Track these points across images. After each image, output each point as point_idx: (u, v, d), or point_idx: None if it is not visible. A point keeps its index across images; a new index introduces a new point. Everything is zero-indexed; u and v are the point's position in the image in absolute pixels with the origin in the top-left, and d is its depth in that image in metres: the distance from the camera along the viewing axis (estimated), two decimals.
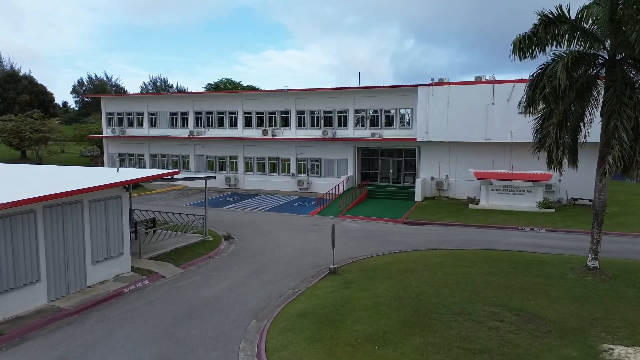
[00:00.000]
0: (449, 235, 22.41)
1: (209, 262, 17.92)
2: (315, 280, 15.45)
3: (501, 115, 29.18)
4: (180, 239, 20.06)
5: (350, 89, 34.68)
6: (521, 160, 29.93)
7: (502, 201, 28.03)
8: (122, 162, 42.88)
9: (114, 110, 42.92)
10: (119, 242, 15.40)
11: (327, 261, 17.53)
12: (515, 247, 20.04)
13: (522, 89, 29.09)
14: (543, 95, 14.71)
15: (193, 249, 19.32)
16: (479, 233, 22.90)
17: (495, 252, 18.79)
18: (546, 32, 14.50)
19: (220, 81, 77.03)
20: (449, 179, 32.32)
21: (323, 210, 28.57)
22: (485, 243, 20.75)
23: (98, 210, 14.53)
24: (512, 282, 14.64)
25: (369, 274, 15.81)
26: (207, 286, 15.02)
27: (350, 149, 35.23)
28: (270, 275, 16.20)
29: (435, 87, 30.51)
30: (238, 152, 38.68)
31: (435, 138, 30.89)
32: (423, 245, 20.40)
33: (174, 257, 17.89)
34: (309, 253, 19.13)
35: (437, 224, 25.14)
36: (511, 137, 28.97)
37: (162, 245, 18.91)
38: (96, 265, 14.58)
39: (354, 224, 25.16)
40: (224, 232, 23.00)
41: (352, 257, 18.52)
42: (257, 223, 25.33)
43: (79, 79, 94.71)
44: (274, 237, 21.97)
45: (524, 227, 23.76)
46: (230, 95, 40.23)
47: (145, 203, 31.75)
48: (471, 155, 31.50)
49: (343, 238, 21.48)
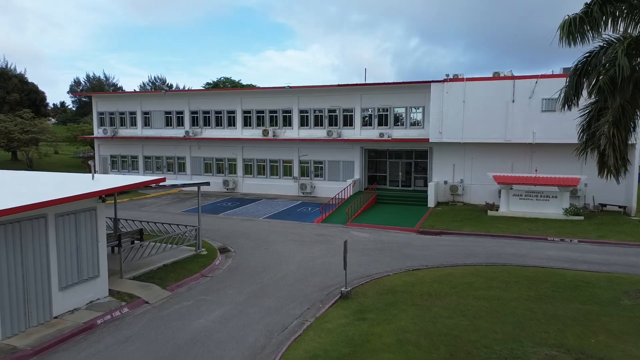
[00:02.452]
0: (471, 248, 20.06)
1: (201, 282, 15.56)
2: (325, 307, 13.09)
3: (522, 113, 26.81)
4: (170, 253, 17.71)
5: (357, 85, 32.33)
6: (543, 162, 27.63)
7: (525, 208, 25.65)
8: (115, 164, 40.60)
9: (105, 110, 40.58)
10: (93, 263, 13.06)
11: (338, 281, 15.22)
12: (549, 262, 17.68)
13: (546, 85, 27.17)
14: (597, 87, 12.31)
15: (184, 265, 16.97)
16: (504, 245, 20.55)
17: (529, 270, 16.42)
18: (602, 11, 12.13)
19: (220, 80, 74.80)
20: (463, 182, 29.96)
21: (329, 218, 26.22)
22: (514, 257, 18.40)
23: (67, 225, 12.19)
24: (560, 311, 12.29)
25: (388, 299, 13.47)
26: (197, 315, 12.68)
27: (357, 150, 32.87)
28: (271, 300, 13.84)
29: (450, 84, 28.15)
30: (237, 154, 36.33)
31: (450, 138, 28.53)
32: (444, 260, 18.05)
33: (161, 277, 15.53)
34: (316, 270, 16.78)
35: (455, 233, 22.77)
36: (533, 137, 26.61)
37: (148, 262, 16.56)
38: (65, 291, 12.24)
39: (364, 234, 22.81)
40: (219, 244, 20.66)
41: (365, 275, 16.19)
42: (257, 232, 22.99)
43: (76, 78, 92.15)
44: (275, 250, 19.63)
45: (553, 238, 21.40)
46: (229, 93, 37.87)
47: (137, 209, 29.43)
48: (488, 158, 29.16)
49: (354, 251, 19.14)
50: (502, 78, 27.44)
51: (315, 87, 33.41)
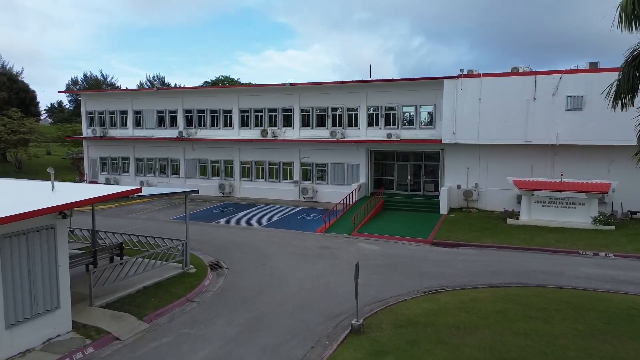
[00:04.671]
0: (494, 263, 17.76)
1: (186, 309, 13.27)
2: (333, 345, 10.79)
3: (545, 112, 24.50)
4: (153, 272, 15.41)
5: (362, 82, 29.99)
6: (566, 165, 25.35)
7: (548, 216, 23.35)
8: (105, 166, 38.34)
9: (94, 109, 38.29)
10: (52, 292, 10.78)
11: (346, 308, 12.99)
12: (589, 282, 15.40)
13: (572, 81, 24.80)
14: None
15: (168, 287, 14.68)
16: (531, 259, 18.26)
17: (568, 293, 14.13)
18: None
19: (218, 79, 72.48)
20: (478, 187, 27.66)
21: (333, 226, 23.93)
22: (546, 276, 16.11)
23: (15, 248, 9.92)
24: (622, 353, 10.04)
25: (408, 334, 11.18)
26: (176, 357, 10.39)
27: (362, 152, 30.56)
28: (268, 334, 11.55)
29: (465, 80, 25.83)
30: (234, 156, 34.03)
31: (464, 139, 26.21)
32: (466, 280, 15.77)
33: (139, 303, 13.25)
34: (321, 293, 14.49)
35: (473, 245, 20.48)
36: (557, 138, 24.29)
37: (126, 284, 14.28)
38: (14, 329, 9.96)
39: (372, 246, 20.52)
40: (211, 258, 18.40)
41: (378, 299, 13.92)
42: (254, 244, 20.71)
43: (73, 78, 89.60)
44: (273, 266, 17.34)
45: (585, 252, 19.09)
46: (225, 90, 35.52)
47: (124, 216, 27.18)
48: (505, 160, 26.86)
49: (362, 268, 16.77)
50: (523, 73, 25.13)
51: (318, 84, 31.09)
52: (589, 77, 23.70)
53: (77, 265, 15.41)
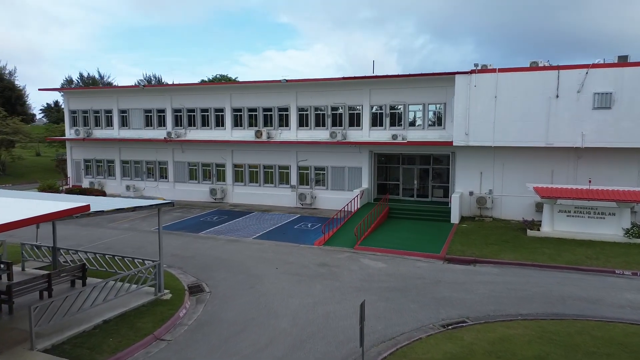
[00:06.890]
0: (521, 286, 15.29)
1: (151, 353, 10.79)
2: None
3: (569, 111, 22.02)
4: (118, 300, 12.93)
5: (365, 78, 27.52)
6: (590, 170, 22.92)
7: (574, 227, 20.88)
8: (89, 169, 35.88)
9: (78, 108, 35.81)
10: None
11: (349, 350, 10.56)
12: (637, 312, 12.94)
13: (600, 76, 22.05)
14: None
15: (134, 320, 12.21)
16: (563, 281, 15.78)
17: (618, 329, 11.66)
18: None
19: (215, 77, 70.02)
20: (492, 194, 25.18)
21: (333, 238, 21.46)
22: (584, 303, 13.65)
23: None
24: None
25: None
26: None
27: (365, 154, 28.07)
28: None
29: (479, 75, 23.34)
30: (226, 158, 31.56)
31: (478, 141, 23.72)
32: (491, 309, 13.30)
33: (92, 344, 10.78)
34: (318, 329, 12.01)
35: (492, 262, 18.00)
36: (582, 140, 21.81)
37: (84, 317, 11.82)
38: None
39: (378, 263, 18.04)
40: (192, 279, 15.97)
41: (386, 336, 11.46)
42: (243, 261, 18.25)
43: (68, 77, 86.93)
44: (264, 291, 14.86)
45: (622, 271, 16.61)
46: (216, 88, 32.99)
47: (104, 226, 24.77)
48: (523, 164, 24.42)
49: (367, 292, 14.44)
50: (544, 68, 22.63)
51: (316, 80, 28.61)
52: (618, 72, 21.24)
53: (29, 292, 12.96)
